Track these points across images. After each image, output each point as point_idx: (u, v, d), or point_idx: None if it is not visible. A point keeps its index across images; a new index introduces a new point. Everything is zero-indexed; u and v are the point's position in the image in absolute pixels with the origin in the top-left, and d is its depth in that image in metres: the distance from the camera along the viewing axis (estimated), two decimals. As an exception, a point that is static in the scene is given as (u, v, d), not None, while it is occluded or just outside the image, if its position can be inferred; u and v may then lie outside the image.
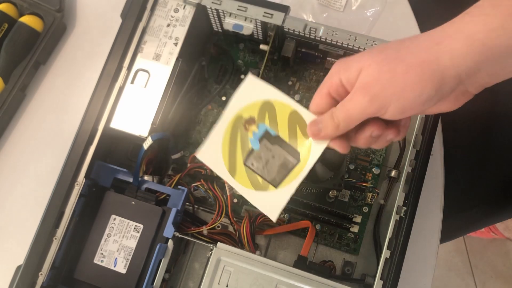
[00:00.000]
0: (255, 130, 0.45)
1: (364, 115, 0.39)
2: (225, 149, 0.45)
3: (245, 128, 0.45)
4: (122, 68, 0.58)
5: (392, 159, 0.62)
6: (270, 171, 0.45)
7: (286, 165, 0.44)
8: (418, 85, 0.36)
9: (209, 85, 0.67)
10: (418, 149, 0.54)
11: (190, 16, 0.60)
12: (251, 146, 0.45)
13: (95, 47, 0.73)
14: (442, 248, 1.37)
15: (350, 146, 0.43)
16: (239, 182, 0.45)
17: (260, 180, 0.45)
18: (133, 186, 0.59)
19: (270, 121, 0.44)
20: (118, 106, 0.58)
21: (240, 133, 0.45)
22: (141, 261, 0.55)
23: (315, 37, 0.60)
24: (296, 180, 0.44)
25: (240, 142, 0.45)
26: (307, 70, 0.66)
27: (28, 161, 0.69)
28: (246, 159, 0.45)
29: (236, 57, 0.67)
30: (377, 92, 0.37)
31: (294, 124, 0.44)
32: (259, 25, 0.60)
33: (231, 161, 0.45)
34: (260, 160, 0.44)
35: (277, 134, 0.45)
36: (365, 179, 0.62)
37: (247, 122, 0.45)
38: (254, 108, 0.45)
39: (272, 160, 0.44)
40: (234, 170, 0.45)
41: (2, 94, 0.67)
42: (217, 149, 0.45)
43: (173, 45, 0.59)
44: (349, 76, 0.39)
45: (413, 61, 0.36)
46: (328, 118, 0.41)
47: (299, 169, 0.44)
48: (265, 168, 0.45)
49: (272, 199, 0.44)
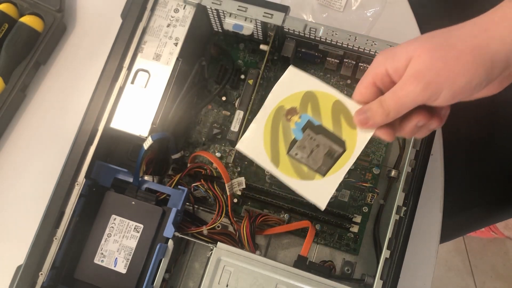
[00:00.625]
0: (298, 120, 0.45)
1: (416, 102, 0.40)
2: (266, 140, 0.45)
3: (286, 119, 0.45)
4: (122, 68, 0.58)
5: (392, 159, 0.63)
6: (315, 160, 0.45)
7: (332, 154, 0.44)
8: (470, 71, 0.37)
9: (209, 85, 0.67)
10: (418, 149, 0.54)
11: (190, 16, 0.60)
12: (294, 136, 0.45)
13: (95, 47, 0.73)
14: (442, 248, 1.37)
15: (395, 135, 0.44)
16: (283, 172, 0.45)
17: (305, 169, 0.45)
18: (133, 186, 0.59)
19: (313, 111, 0.45)
20: (118, 106, 0.58)
21: (281, 124, 0.45)
22: (141, 261, 0.56)
23: (315, 37, 0.60)
24: (344, 168, 0.45)
25: (282, 132, 0.45)
26: (307, 70, 0.66)
27: (28, 161, 0.69)
28: (290, 149, 0.45)
29: (236, 57, 0.68)
30: (430, 79, 0.38)
31: (338, 114, 0.44)
32: (259, 25, 0.60)
33: (274, 152, 0.45)
34: (304, 150, 0.45)
35: (320, 124, 0.45)
36: (365, 179, 0.62)
37: (288, 112, 0.45)
38: (295, 99, 0.45)
39: (317, 149, 0.45)
40: (277, 160, 0.45)
41: (2, 94, 0.67)
42: (258, 140, 0.45)
43: (173, 45, 0.59)
44: (396, 65, 0.40)
45: (464, 47, 0.37)
46: (377, 106, 0.42)
47: (345, 157, 0.44)
48: (310, 158, 0.45)
49: (319, 187, 0.45)
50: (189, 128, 0.66)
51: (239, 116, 0.59)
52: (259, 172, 0.63)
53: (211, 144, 0.65)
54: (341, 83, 0.65)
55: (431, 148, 0.55)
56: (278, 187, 0.62)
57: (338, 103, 0.44)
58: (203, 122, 0.66)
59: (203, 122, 0.66)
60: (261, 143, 0.45)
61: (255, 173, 0.63)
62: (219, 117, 0.66)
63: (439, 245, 0.62)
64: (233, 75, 0.65)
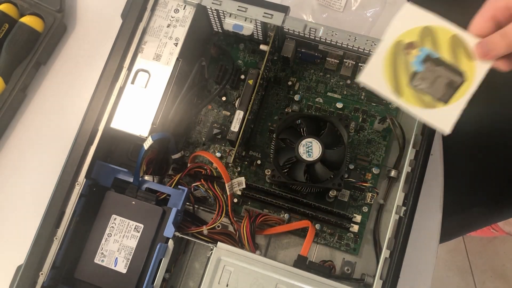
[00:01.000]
0: (417, 54, 0.47)
1: None
2: (387, 72, 0.47)
3: (406, 52, 0.47)
4: (123, 68, 0.58)
5: (392, 159, 0.63)
6: (437, 90, 0.47)
7: (453, 84, 0.47)
8: None
9: (209, 85, 0.67)
10: (417, 149, 0.54)
11: (190, 17, 0.60)
12: (415, 69, 0.47)
13: (95, 47, 0.73)
14: (442, 248, 1.37)
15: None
16: (406, 101, 0.47)
17: (427, 98, 0.47)
18: (133, 186, 0.59)
19: (432, 44, 0.47)
20: (119, 106, 0.58)
21: (401, 57, 0.47)
22: (141, 261, 0.56)
23: (315, 38, 0.60)
24: (465, 96, 0.47)
25: (403, 65, 0.47)
26: (307, 70, 0.66)
27: (28, 161, 0.69)
28: (411, 81, 0.47)
29: (236, 58, 0.68)
30: None
31: (456, 47, 0.47)
32: (259, 25, 0.60)
33: (395, 83, 0.47)
34: (426, 81, 0.47)
35: (439, 56, 0.47)
36: (364, 179, 0.62)
37: (408, 46, 0.47)
38: (413, 34, 0.47)
39: (438, 80, 0.47)
40: (399, 91, 0.47)
41: (3, 94, 0.68)
42: (380, 72, 0.47)
43: (173, 46, 0.59)
44: None
45: None
46: (499, 38, 0.44)
47: (466, 86, 0.47)
48: (431, 88, 0.47)
49: (443, 113, 0.47)
50: (189, 128, 0.66)
51: (239, 116, 0.59)
52: (259, 172, 0.63)
53: (211, 144, 0.65)
54: (341, 83, 0.65)
55: (431, 148, 0.55)
56: (278, 187, 0.62)
57: (455, 37, 0.47)
58: (203, 122, 0.66)
59: (203, 122, 0.66)
60: (382, 75, 0.47)
61: (255, 173, 0.63)
62: (219, 117, 0.66)
63: (439, 245, 0.62)
64: (233, 75, 0.65)
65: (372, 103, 0.64)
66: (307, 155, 0.58)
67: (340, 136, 0.60)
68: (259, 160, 0.63)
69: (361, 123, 0.64)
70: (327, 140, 0.59)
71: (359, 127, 0.64)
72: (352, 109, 0.64)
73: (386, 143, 0.63)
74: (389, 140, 0.63)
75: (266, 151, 0.64)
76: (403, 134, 0.59)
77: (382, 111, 0.64)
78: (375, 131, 0.63)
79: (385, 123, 0.61)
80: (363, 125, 0.64)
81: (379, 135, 0.63)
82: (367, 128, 0.64)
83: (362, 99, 0.64)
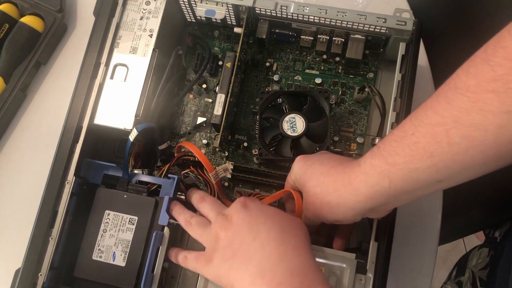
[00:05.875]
0: None
1: None
2: None
3: None
4: (100, 65, 0.59)
5: (374, 128, 0.64)
6: None
7: None
8: None
9: (188, 75, 0.67)
10: (398, 111, 0.55)
11: (162, 7, 0.61)
12: None
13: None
14: (442, 248, 1.37)
15: None
16: None
17: None
18: (123, 180, 0.59)
19: None
20: (100, 102, 0.58)
21: None
22: (139, 252, 0.56)
23: (287, 15, 0.61)
24: None
25: None
26: (283, 50, 0.67)
27: (28, 162, 0.68)
28: None
29: (212, 45, 0.68)
30: None
31: None
32: (231, 9, 0.61)
33: None
34: None
35: None
36: (350, 149, 0.63)
37: None
38: None
39: None
40: None
41: (3, 94, 0.67)
42: None
43: (148, 37, 0.60)
44: None
45: None
46: None
47: None
48: None
49: None
50: (173, 119, 0.66)
51: (221, 99, 0.59)
52: (246, 154, 0.64)
53: (196, 133, 0.66)
54: (317, 59, 0.66)
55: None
56: (266, 167, 0.63)
57: None
58: (187, 112, 0.66)
59: (187, 112, 0.66)
60: None
61: (243, 155, 0.64)
62: (201, 105, 0.67)
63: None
64: (211, 62, 0.65)
65: (349, 75, 0.65)
66: (292, 130, 0.59)
67: (322, 109, 0.61)
68: (246, 142, 0.64)
69: (341, 95, 0.65)
70: (310, 114, 0.60)
71: (339, 99, 0.65)
72: (331, 83, 0.65)
73: (368, 112, 0.64)
74: (369, 109, 0.64)
75: (252, 133, 0.64)
76: (382, 100, 0.60)
77: (360, 82, 0.65)
78: (355, 102, 0.65)
79: (364, 92, 0.62)
80: (343, 98, 0.65)
81: (359, 105, 0.64)
82: (348, 100, 0.65)
83: (340, 72, 0.66)
